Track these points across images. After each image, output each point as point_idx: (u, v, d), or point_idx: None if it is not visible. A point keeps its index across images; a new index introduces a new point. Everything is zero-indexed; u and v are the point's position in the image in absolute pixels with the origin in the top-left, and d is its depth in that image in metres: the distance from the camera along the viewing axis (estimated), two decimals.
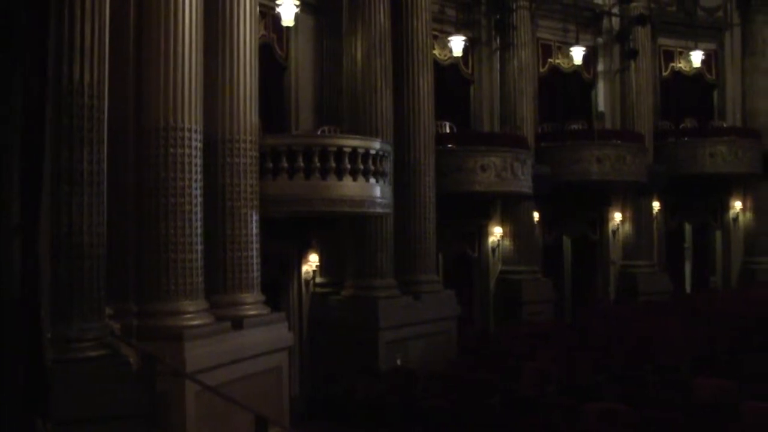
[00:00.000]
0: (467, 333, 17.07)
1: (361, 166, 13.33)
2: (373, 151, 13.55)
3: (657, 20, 23.43)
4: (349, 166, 13.18)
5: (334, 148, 13.10)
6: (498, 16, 20.11)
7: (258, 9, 11.99)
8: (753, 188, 24.64)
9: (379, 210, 14.08)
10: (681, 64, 24.34)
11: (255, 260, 11.11)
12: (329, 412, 12.98)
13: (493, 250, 20.19)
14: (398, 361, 14.43)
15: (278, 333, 11.43)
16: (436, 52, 18.49)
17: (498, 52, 20.46)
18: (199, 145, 9.93)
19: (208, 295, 10.14)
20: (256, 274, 11.14)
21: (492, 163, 18.18)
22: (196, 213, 9.79)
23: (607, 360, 13.02)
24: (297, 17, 14.87)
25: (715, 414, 9.81)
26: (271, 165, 12.61)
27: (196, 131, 9.83)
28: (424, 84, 15.98)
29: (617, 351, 13.74)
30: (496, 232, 20.13)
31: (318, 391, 14.38)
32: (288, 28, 15.21)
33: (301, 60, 16.13)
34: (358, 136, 13.97)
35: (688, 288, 24.54)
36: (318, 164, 12.94)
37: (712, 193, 24.49)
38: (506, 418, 10.63)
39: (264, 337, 10.88)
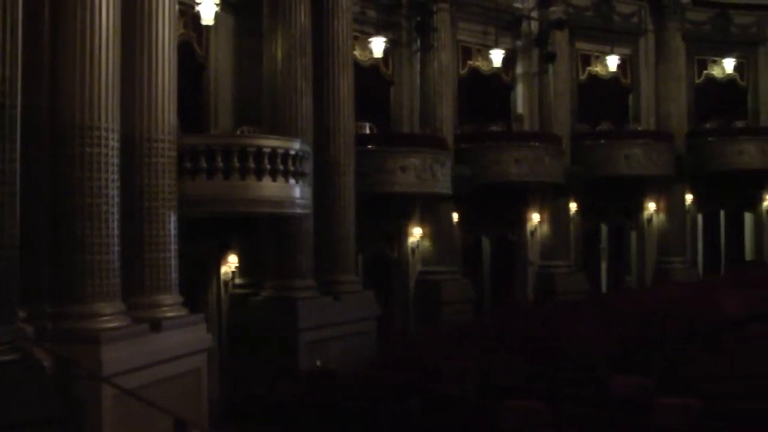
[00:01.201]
0: (387, 333, 17.11)
1: (281, 167, 13.28)
2: (293, 152, 13.51)
3: (574, 25, 23.85)
4: (268, 166, 13.13)
5: (254, 149, 13.03)
6: (419, 18, 20.21)
7: (177, 7, 11.83)
8: (666, 190, 25.26)
9: (298, 211, 14.04)
10: (598, 68, 24.83)
11: (173, 261, 10.96)
12: (249, 414, 12.87)
13: (413, 250, 20.28)
14: (318, 362, 14.39)
15: (197, 335, 11.30)
16: (356, 53, 18.49)
17: (418, 54, 20.56)
18: (116, 144, 9.74)
19: (125, 296, 9.96)
20: (174, 275, 10.98)
21: (412, 164, 18.27)
22: (113, 213, 9.61)
23: (527, 359, 13.17)
24: (217, 16, 14.74)
25: (631, 409, 10.01)
26: (189, 165, 12.46)
27: (113, 130, 9.64)
28: (345, 85, 15.97)
29: (536, 350, 13.91)
30: (416, 233, 20.23)
31: (238, 393, 14.25)
32: (208, 26, 15.07)
33: (221, 59, 15.97)
34: (278, 137, 13.91)
35: (604, 287, 25.02)
36: (237, 164, 12.86)
37: (627, 195, 25.02)
38: (427, 418, 10.67)
39: (182, 339, 10.75)
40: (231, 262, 15.80)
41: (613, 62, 24.54)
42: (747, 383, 11.16)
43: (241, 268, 15.83)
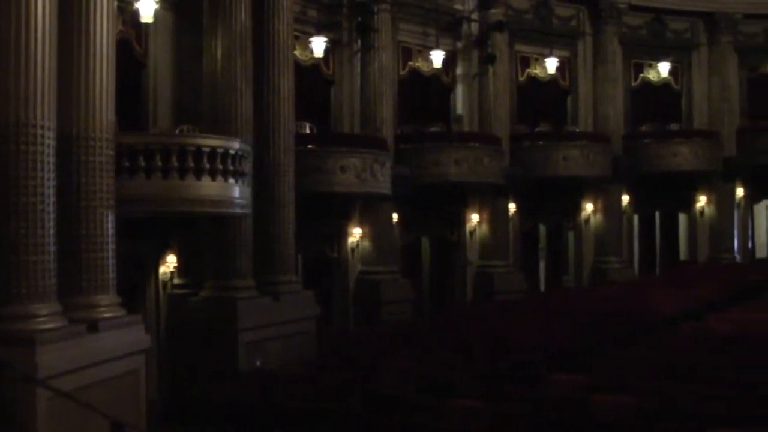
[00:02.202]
0: (327, 333, 17.10)
1: (221, 166, 13.21)
2: (232, 151, 13.44)
3: (514, 27, 24.11)
4: (208, 165, 13.06)
5: (193, 148, 12.95)
6: (359, 19, 20.20)
7: (116, 3, 11.68)
8: (603, 191, 25.66)
9: (238, 210, 13.96)
10: (537, 70, 25.12)
11: (111, 261, 10.80)
12: (188, 416, 12.76)
13: (353, 250, 20.30)
14: (258, 363, 14.32)
15: (135, 335, 11.15)
16: (297, 52, 18.44)
17: (359, 54, 20.57)
18: (53, 142, 9.56)
19: (61, 297, 9.78)
20: (111, 275, 10.82)
21: (352, 164, 18.27)
22: (48, 213, 9.43)
23: (467, 357, 13.27)
24: (156, 13, 14.58)
25: (568, 407, 10.14)
26: (127, 164, 12.33)
27: (49, 128, 9.46)
28: (285, 84, 15.90)
29: (476, 349, 14.02)
30: (356, 233, 20.25)
31: (177, 394, 14.12)
32: (147, 24, 14.89)
33: (160, 57, 15.80)
34: (217, 136, 13.81)
35: (542, 287, 25.32)
36: (176, 164, 12.78)
37: (565, 196, 25.36)
38: (367, 418, 10.69)
39: (120, 340, 10.60)
40: (170, 263, 15.65)
41: (551, 65, 24.85)
42: (681, 380, 11.40)
43: (181, 269, 15.68)
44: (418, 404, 10.86)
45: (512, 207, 23.96)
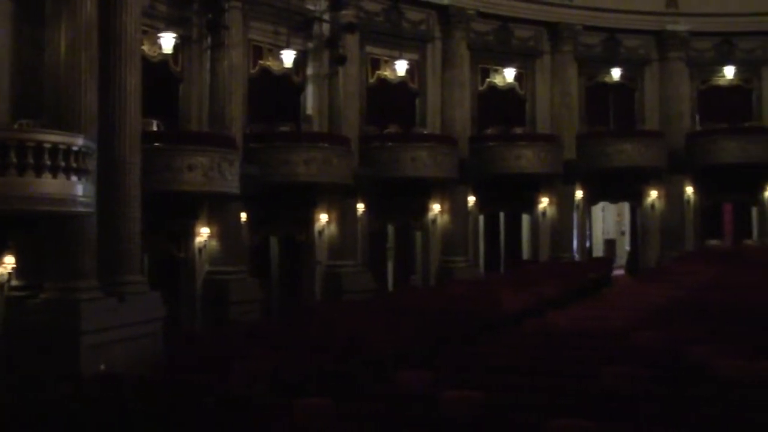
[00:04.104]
0: (175, 335, 16.76)
1: (63, 163, 12.74)
2: (75, 148, 13.00)
3: (365, 29, 24.29)
4: (49, 162, 12.56)
5: (33, 143, 12.44)
6: (210, 16, 19.82)
7: None
8: (450, 192, 26.20)
9: (81, 209, 13.51)
10: (387, 72, 25.42)
11: None
12: (27, 423, 12.25)
13: (200, 250, 19.96)
14: (102, 366, 13.88)
15: None
16: (145, 48, 17.99)
17: (209, 52, 20.20)
18: None
19: None
20: None
21: (200, 162, 17.98)
22: None
23: (317, 357, 13.27)
24: None
25: (418, 403, 10.30)
26: None
27: None
28: (132, 80, 15.47)
29: (326, 348, 14.05)
30: (204, 233, 19.93)
31: (15, 400, 13.52)
32: None
33: None
34: (59, 132, 13.30)
35: (390, 286, 25.60)
36: (15, 160, 12.24)
37: (413, 196, 25.76)
38: (218, 419, 10.54)
39: None
40: (8, 263, 14.99)
41: (401, 67, 25.20)
42: (524, 374, 11.76)
43: (19, 269, 15.03)
44: (268, 404, 10.79)
45: (361, 207, 24.12)
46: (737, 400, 10.13)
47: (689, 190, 30.12)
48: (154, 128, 18.38)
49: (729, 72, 30.08)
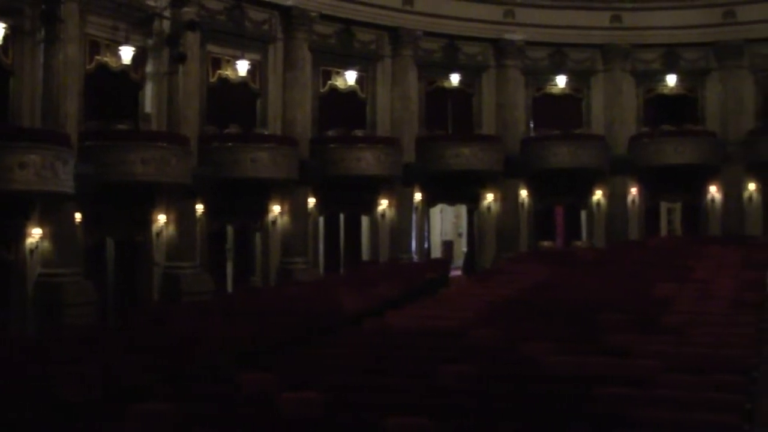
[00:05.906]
0: (3, 340, 16.11)
1: None
2: None
3: (207, 27, 24.01)
4: None
5: None
6: (44, 7, 19.10)
7: None
8: (290, 193, 26.24)
9: None
10: (228, 72, 25.22)
11: None
12: None
13: (32, 252, 19.25)
14: None
15: None
16: None
17: (43, 45, 19.48)
18: None
19: None
20: None
21: (32, 160, 17.36)
22: None
23: (154, 361, 13.02)
24: None
25: (258, 405, 10.29)
26: None
27: None
28: None
29: (163, 350, 13.79)
30: (35, 234, 19.22)
31: None
32: None
33: None
34: None
35: (229, 287, 25.39)
36: None
37: (253, 197, 25.65)
38: (45, 428, 10.17)
39: None
40: None
41: (243, 67, 25.05)
42: (364, 373, 11.94)
43: None
44: (100, 410, 10.52)
45: (200, 208, 23.82)
46: (566, 393, 10.58)
47: (524, 193, 31.30)
48: None
49: (561, 81, 31.43)
